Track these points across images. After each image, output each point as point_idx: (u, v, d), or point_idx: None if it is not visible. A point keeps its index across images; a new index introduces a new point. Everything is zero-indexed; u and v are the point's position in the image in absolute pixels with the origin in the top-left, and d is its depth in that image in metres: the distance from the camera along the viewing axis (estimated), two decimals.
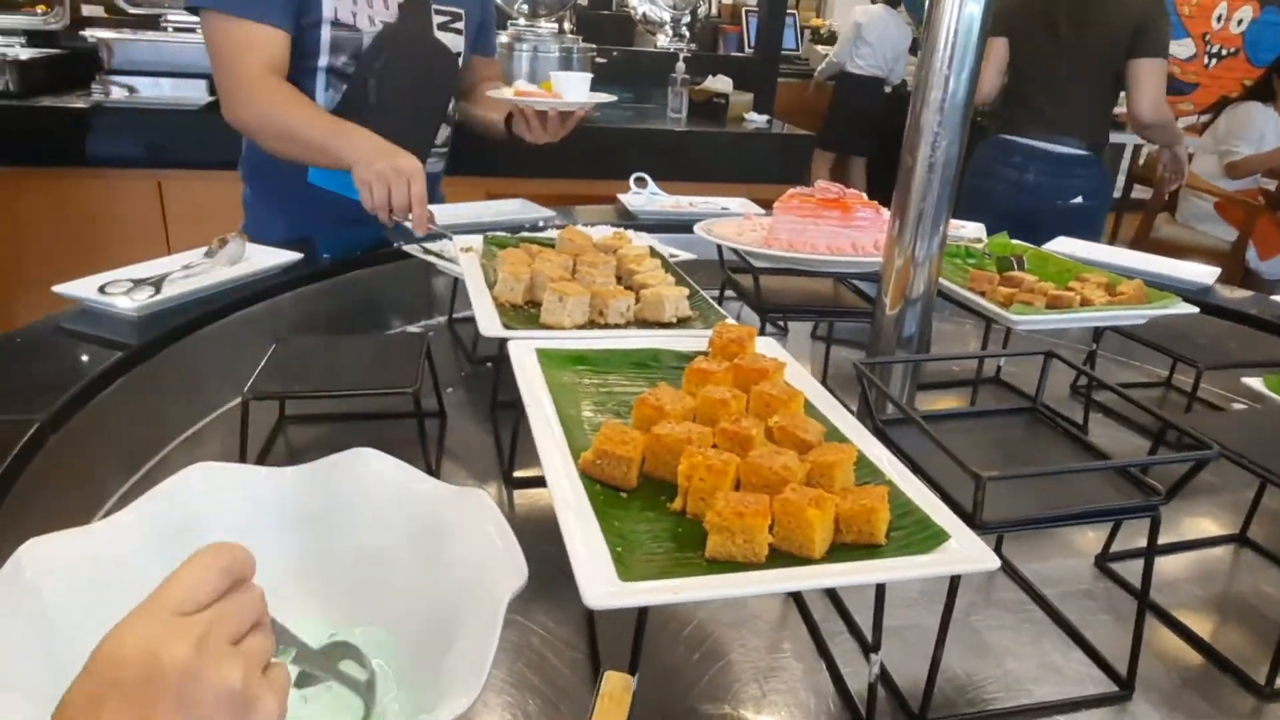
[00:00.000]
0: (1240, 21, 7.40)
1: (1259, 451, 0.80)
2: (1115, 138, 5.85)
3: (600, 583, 0.52)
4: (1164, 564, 0.94)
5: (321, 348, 1.06)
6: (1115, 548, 0.92)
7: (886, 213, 1.09)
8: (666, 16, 3.48)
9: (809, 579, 0.55)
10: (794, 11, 5.84)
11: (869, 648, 0.67)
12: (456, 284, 1.39)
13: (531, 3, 3.05)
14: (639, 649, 0.59)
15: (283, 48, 1.49)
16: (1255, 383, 1.04)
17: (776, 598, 0.83)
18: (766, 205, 1.85)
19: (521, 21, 3.05)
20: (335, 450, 0.73)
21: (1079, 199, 2.48)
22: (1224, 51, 7.48)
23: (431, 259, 1.31)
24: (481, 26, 1.80)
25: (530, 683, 0.72)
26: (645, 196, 1.75)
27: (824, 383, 1.24)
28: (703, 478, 0.61)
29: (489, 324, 0.89)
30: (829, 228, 1.08)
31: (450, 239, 1.27)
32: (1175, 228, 4.43)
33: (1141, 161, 5.16)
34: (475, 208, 1.63)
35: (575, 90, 1.63)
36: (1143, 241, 4.28)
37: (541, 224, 1.59)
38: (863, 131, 5.52)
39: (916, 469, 0.71)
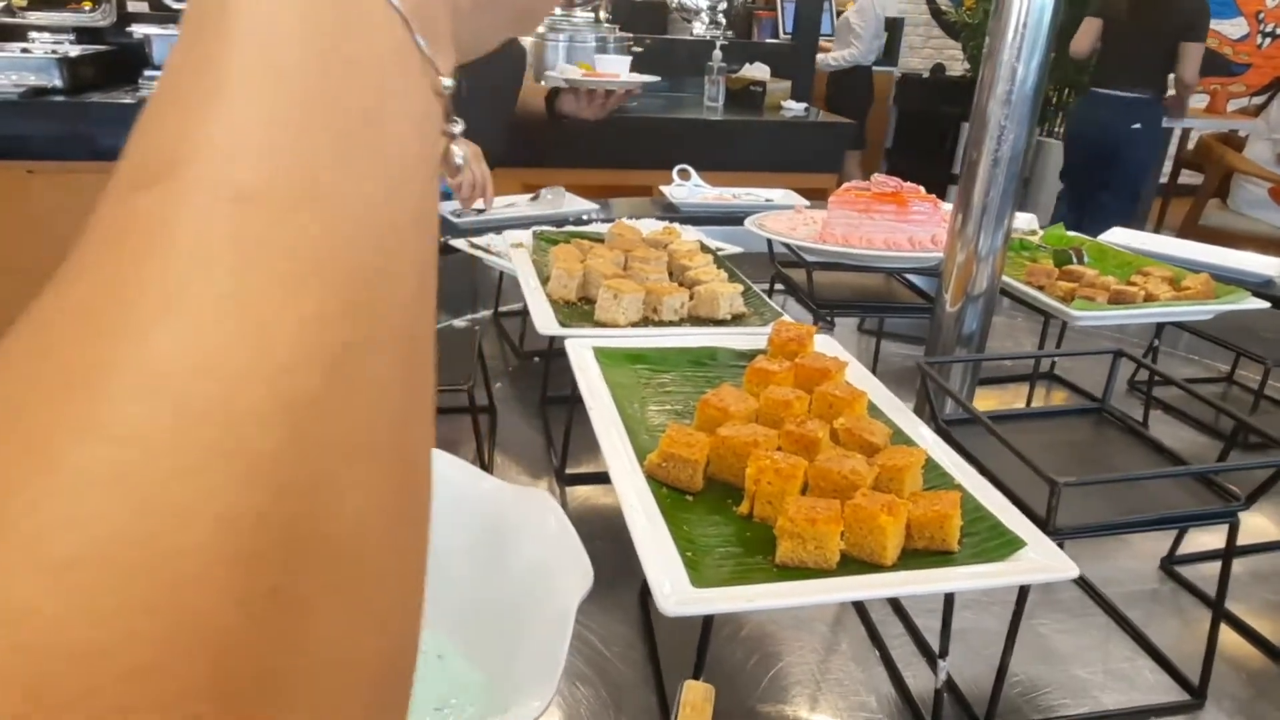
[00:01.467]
0: None
1: None
2: (1165, 123, 5.72)
3: (674, 590, 0.52)
4: (1234, 566, 0.92)
5: None
6: (1181, 550, 0.90)
7: (945, 206, 1.07)
8: (703, 3, 3.45)
9: (883, 588, 0.54)
10: None
11: (935, 653, 0.66)
12: (502, 277, 1.39)
13: None
14: (704, 654, 0.58)
15: None
16: None
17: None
18: (808, 195, 1.83)
19: (557, 10, 3.04)
20: None
21: (1138, 125, 3.80)
22: (1278, 30, 7.26)
23: (479, 253, 1.31)
24: None
25: (588, 680, 0.72)
26: (688, 189, 1.74)
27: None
28: (770, 481, 0.60)
29: (546, 322, 0.88)
30: (885, 222, 1.06)
31: (499, 234, 1.27)
32: (1227, 214, 4.32)
33: (1191, 146, 5.02)
34: (516, 200, 1.62)
35: (619, 68, 1.91)
36: (1191, 227, 4.18)
37: (586, 217, 1.58)
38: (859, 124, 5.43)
39: (982, 471, 0.70)
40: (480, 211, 1.54)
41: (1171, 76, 3.78)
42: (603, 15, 3.23)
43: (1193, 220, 4.20)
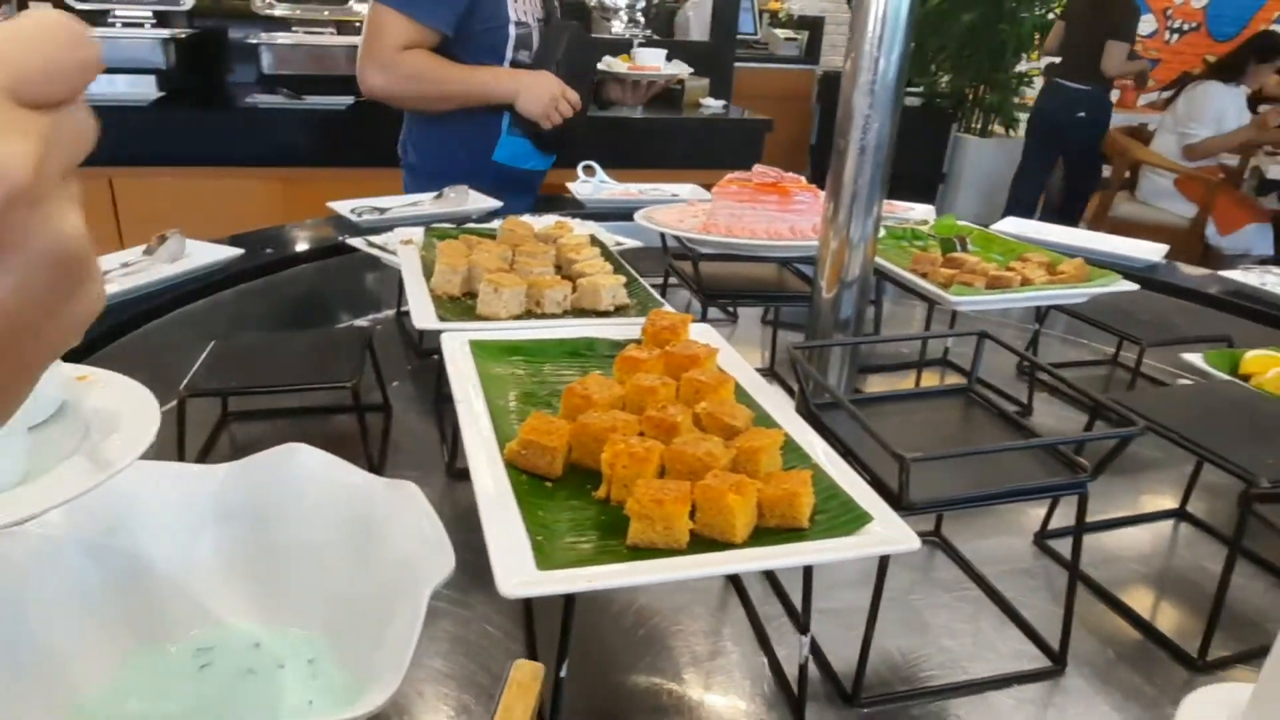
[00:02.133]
0: None
1: (1193, 427, 0.80)
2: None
3: (516, 572, 0.52)
4: (1104, 539, 0.95)
5: (262, 344, 1.04)
6: (1054, 525, 0.93)
7: None
8: (622, 2, 3.46)
9: (726, 564, 0.55)
10: None
11: (800, 630, 0.67)
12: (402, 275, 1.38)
13: None
14: (567, 636, 0.58)
15: (432, 42, 1.77)
16: (1195, 358, 1.05)
17: (716, 582, 0.83)
18: None
19: None
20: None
21: (1083, 114, 4.56)
22: (1185, 26, 7.57)
23: (376, 251, 1.29)
24: None
25: (470, 673, 0.71)
26: (594, 185, 1.74)
27: (771, 368, 1.24)
28: (625, 465, 0.61)
29: (423, 316, 0.88)
30: (767, 212, 1.07)
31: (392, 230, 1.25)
32: (1135, 205, 4.48)
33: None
34: (420, 198, 1.61)
35: (657, 61, 2.28)
36: (1102, 218, 4.33)
37: (491, 215, 1.58)
38: None
39: (848, 453, 0.72)
40: (383, 211, 1.52)
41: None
42: None
43: (1103, 211, 4.36)
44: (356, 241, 1.32)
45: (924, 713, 0.70)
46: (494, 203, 1.60)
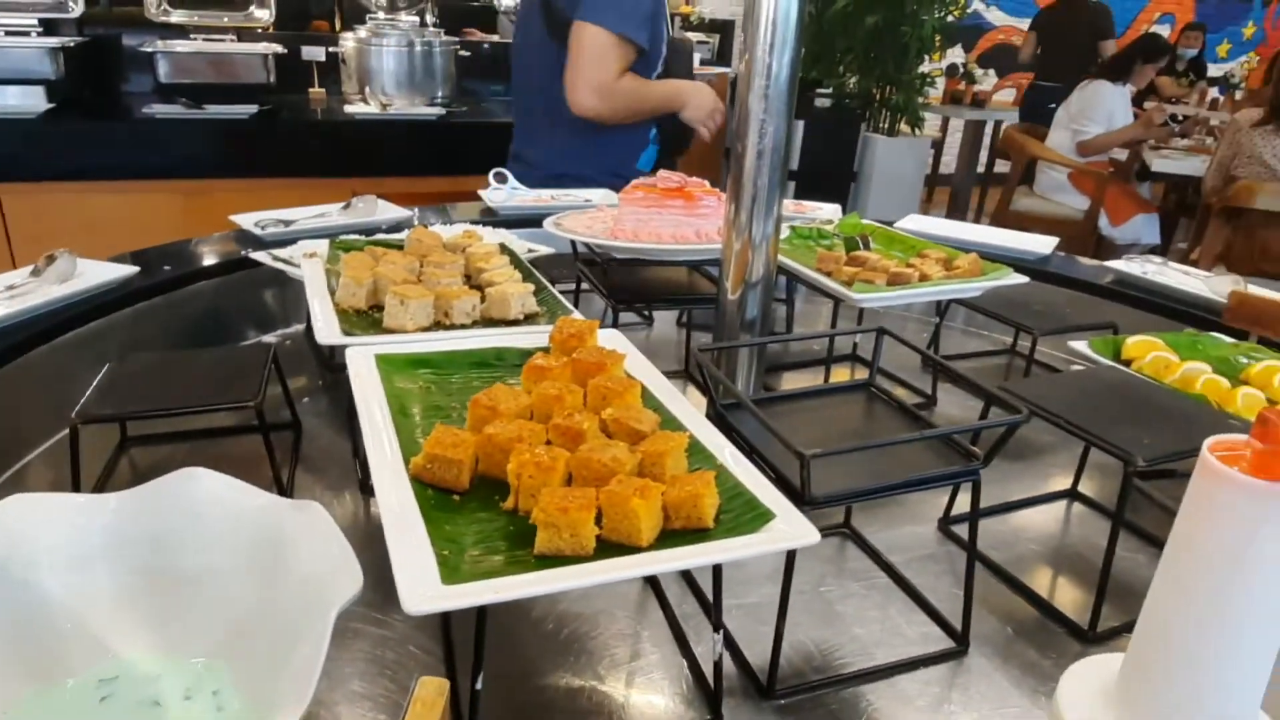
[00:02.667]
0: None
1: (1077, 412, 0.85)
2: (976, 115, 6.14)
3: (420, 588, 0.51)
4: (1003, 522, 0.99)
5: (161, 365, 1.01)
6: (956, 511, 0.97)
7: None
8: None
9: (631, 568, 0.56)
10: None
11: (721, 628, 0.69)
12: None
13: None
14: (481, 649, 0.58)
15: (634, 60, 1.97)
16: (1082, 345, 1.11)
17: (635, 584, 0.84)
18: None
19: (381, 15, 2.97)
20: None
21: (1053, 105, 4.96)
22: None
23: (280, 265, 1.26)
24: None
25: (388, 693, 0.71)
26: (506, 192, 1.74)
27: (686, 369, 1.26)
28: (531, 475, 0.61)
29: (327, 331, 0.86)
30: (673, 217, 1.09)
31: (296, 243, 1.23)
32: (1033, 199, 4.67)
33: (1000, 136, 5.40)
34: (326, 209, 1.58)
35: None
36: (1004, 212, 4.51)
37: (402, 225, 1.55)
38: None
39: (754, 452, 0.73)
40: (288, 224, 1.49)
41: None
42: (429, 19, 3.18)
43: (1004, 206, 4.53)
44: (260, 255, 1.29)
45: (836, 701, 0.72)
46: (404, 212, 1.58)
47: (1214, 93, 6.89)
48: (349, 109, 2.86)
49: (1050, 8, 6.03)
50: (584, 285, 1.22)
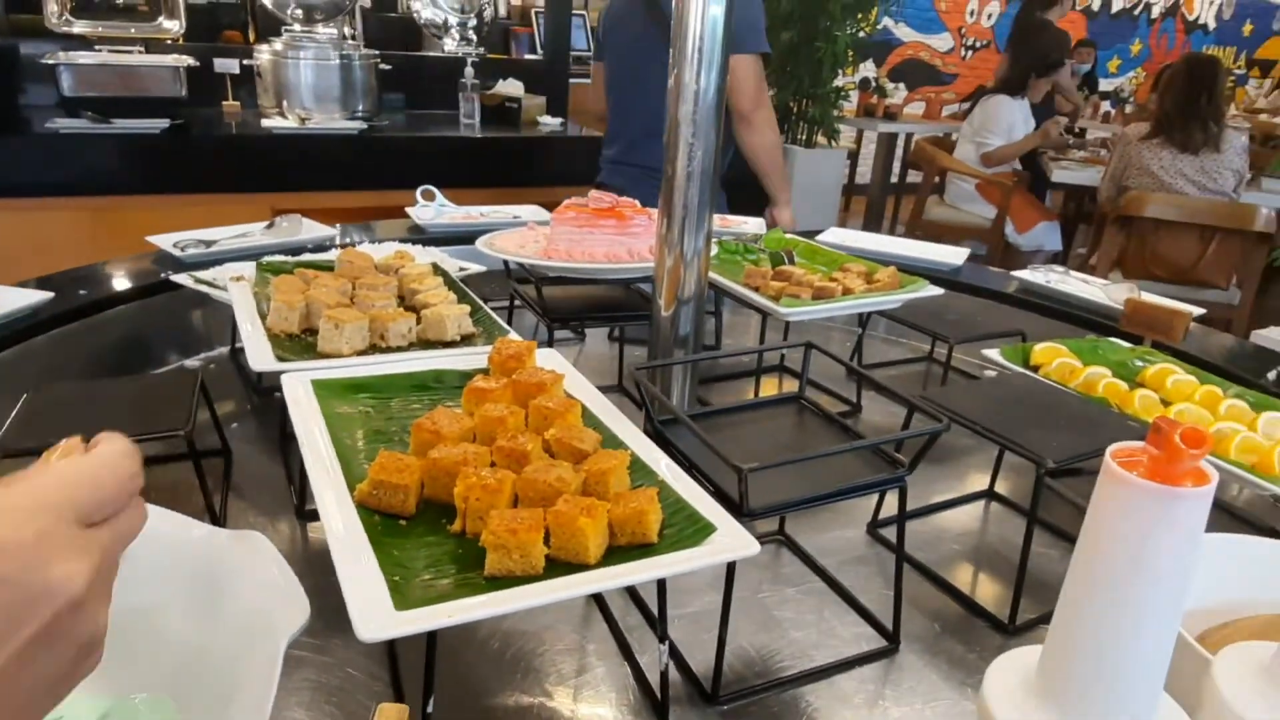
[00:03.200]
0: (990, 15, 8.23)
1: (992, 418, 0.90)
2: (888, 127, 6.35)
3: (373, 615, 0.52)
4: (927, 523, 1.04)
5: (83, 394, 0.98)
6: (883, 515, 1.01)
7: None
8: (452, 20, 3.43)
9: (580, 586, 0.57)
10: (583, 12, 5.91)
11: (659, 638, 0.71)
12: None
13: (306, 7, 2.93)
14: (432, 673, 0.59)
15: None
16: (994, 353, 1.17)
17: (579, 600, 0.85)
18: None
19: (297, 28, 2.92)
20: None
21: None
22: (978, 44, 8.29)
23: (204, 288, 1.23)
24: None
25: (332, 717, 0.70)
26: (434, 209, 1.73)
27: (620, 383, 1.28)
28: (478, 498, 0.62)
29: (260, 358, 0.85)
30: (605, 236, 1.11)
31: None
32: (944, 208, 4.85)
33: (911, 148, 5.60)
34: (249, 229, 1.55)
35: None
36: (917, 221, 4.67)
37: (326, 243, 1.54)
38: None
39: (692, 466, 0.76)
40: (209, 244, 1.46)
41: None
42: (348, 32, 3.14)
43: (917, 215, 4.69)
44: (182, 278, 1.26)
45: (778, 703, 0.75)
46: (329, 230, 1.56)
47: (1106, 106, 7.29)
48: (266, 123, 2.80)
49: (1019, 32, 6.39)
50: (517, 303, 1.23)
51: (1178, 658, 0.47)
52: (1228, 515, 1.05)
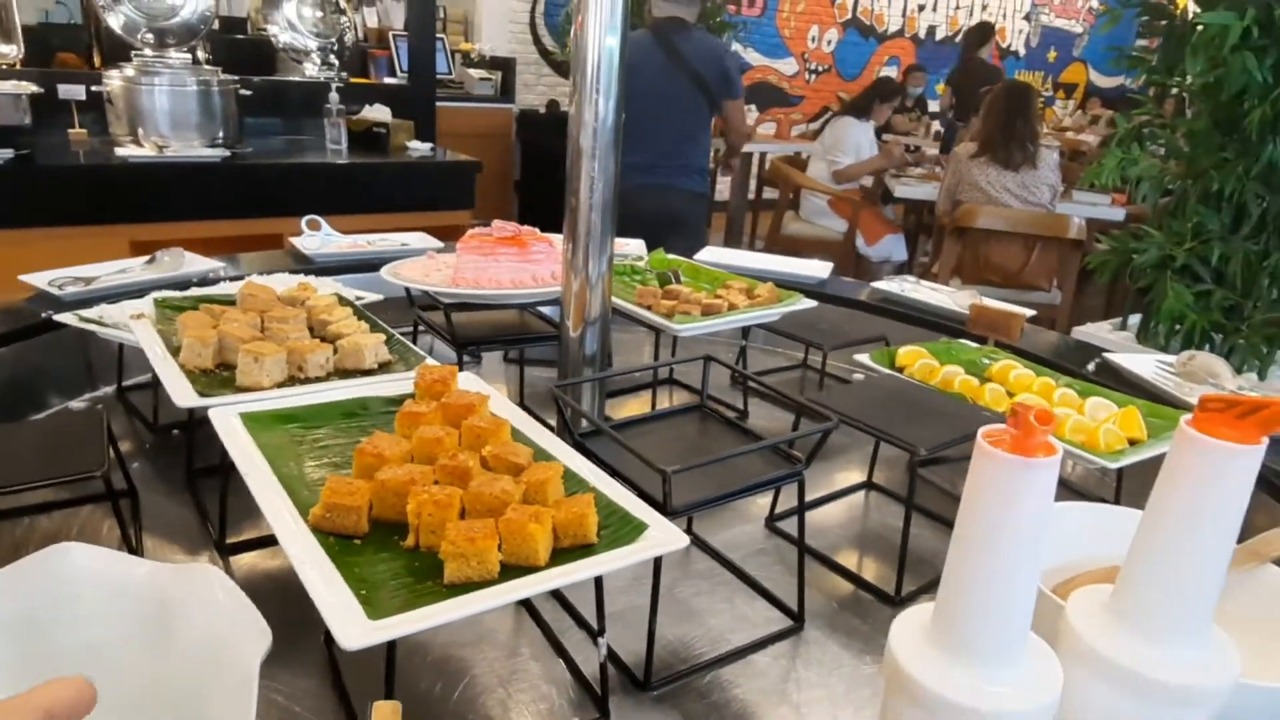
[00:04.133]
0: (830, 41, 8.75)
1: (869, 414, 1.01)
2: (745, 148, 6.64)
3: (353, 625, 0.56)
4: (817, 515, 1.15)
5: None
6: (779, 509, 1.11)
7: (560, 243, 1.21)
8: (312, 44, 3.38)
9: (539, 584, 0.63)
10: (442, 36, 5.90)
11: (596, 634, 0.77)
12: (122, 350, 1.30)
13: (157, 31, 2.83)
14: (392, 680, 0.63)
15: None
16: (864, 358, 1.30)
17: (509, 609, 0.90)
18: (442, 233, 1.91)
19: (148, 52, 2.81)
20: (13, 554, 0.68)
21: None
22: (820, 68, 8.79)
23: (91, 326, 1.20)
24: None
25: None
26: (320, 239, 1.73)
27: (521, 403, 1.33)
28: (431, 513, 0.67)
29: (182, 394, 0.86)
30: (509, 263, 1.17)
31: (112, 304, 1.18)
32: (800, 223, 5.14)
33: (767, 167, 5.88)
34: (128, 264, 1.51)
35: None
36: (775, 236, 4.92)
37: (211, 276, 1.51)
38: None
39: (615, 473, 0.83)
40: (89, 281, 1.41)
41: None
42: (202, 56, 3.04)
43: (775, 230, 4.95)
44: (65, 317, 1.22)
45: (703, 684, 0.83)
46: (213, 264, 1.54)
47: (936, 125, 7.89)
48: (121, 151, 2.68)
49: (963, 69, 7.45)
50: (421, 329, 1.26)
51: (1038, 606, 0.57)
52: (1064, 488, 1.21)
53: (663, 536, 0.69)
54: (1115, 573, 0.79)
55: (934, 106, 8.72)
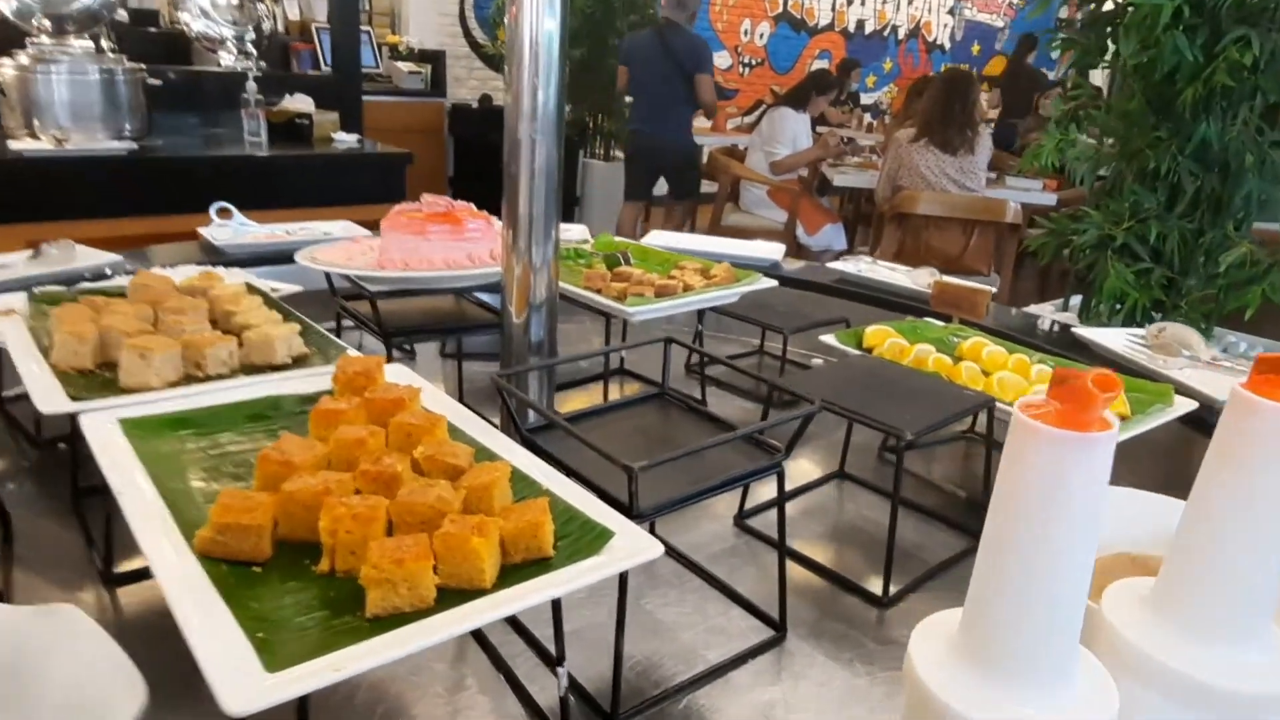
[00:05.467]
0: (762, 35, 8.73)
1: (845, 397, 0.92)
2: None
3: (242, 682, 0.44)
4: (790, 508, 1.05)
5: None
6: (748, 505, 1.01)
7: (498, 222, 1.09)
8: (227, 33, 3.18)
9: (485, 612, 0.52)
10: (369, 28, 5.69)
11: (553, 661, 0.66)
12: (4, 355, 1.14)
13: (55, 18, 2.61)
14: None
15: None
16: (830, 339, 1.21)
17: None
18: (372, 227, 1.77)
19: (46, 39, 2.59)
20: None
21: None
22: (753, 61, 8.77)
23: None
24: None
25: None
26: (232, 228, 1.58)
27: (461, 400, 1.21)
28: (349, 530, 0.55)
29: (48, 398, 0.72)
30: (442, 242, 1.05)
31: None
32: (740, 214, 5.07)
33: (705, 160, 5.82)
34: (10, 259, 1.34)
35: None
36: (716, 227, 4.85)
37: (108, 271, 1.35)
38: None
39: (570, 472, 0.71)
40: None
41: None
42: (105, 44, 2.82)
43: (716, 221, 4.87)
44: None
45: (677, 710, 0.72)
46: (110, 257, 1.38)
47: (868, 118, 7.93)
48: (14, 145, 2.46)
49: (1011, 73, 7.39)
50: (346, 323, 1.13)
51: None
52: None
53: (631, 545, 0.58)
54: (1142, 562, 0.71)
55: (866, 100, 8.80)
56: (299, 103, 3.10)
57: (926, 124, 4.01)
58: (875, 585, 0.89)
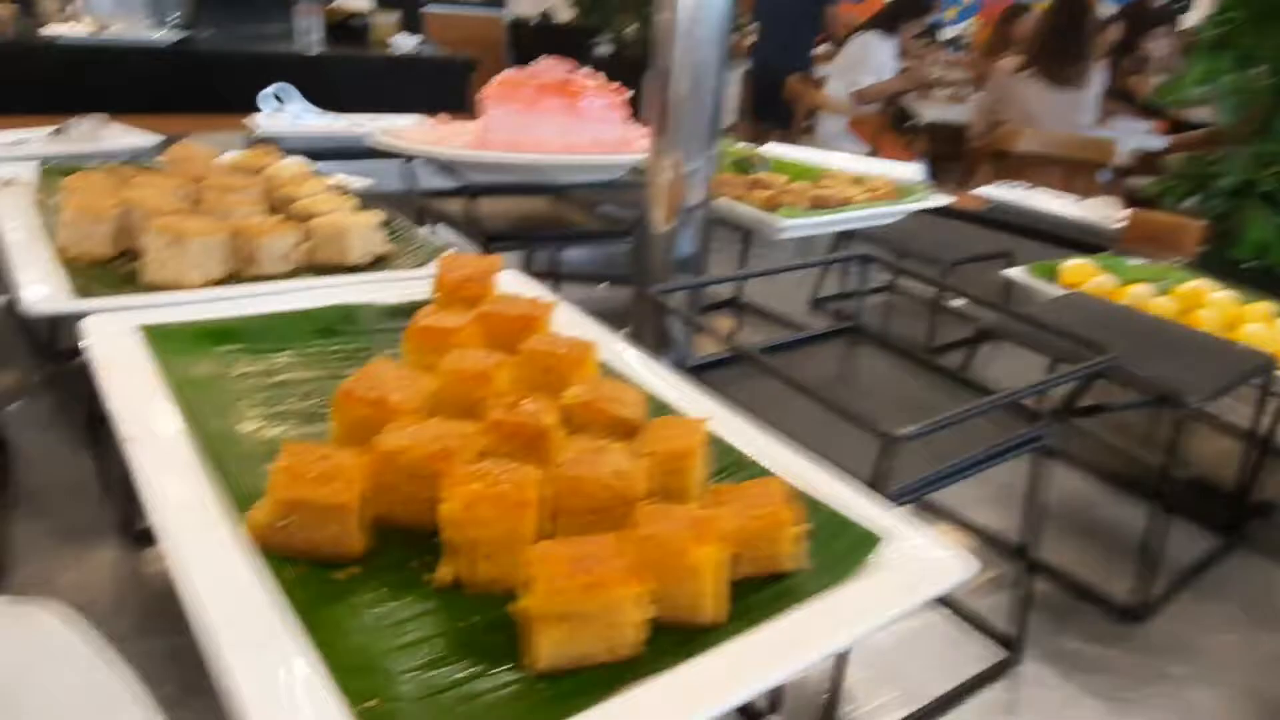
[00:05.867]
0: None
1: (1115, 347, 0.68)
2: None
3: None
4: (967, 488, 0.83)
5: None
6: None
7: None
8: None
9: (759, 673, 0.30)
10: None
11: (754, 713, 0.45)
12: None
13: None
14: None
15: None
16: (1017, 273, 0.97)
17: None
18: None
19: None
20: None
21: None
22: None
23: None
24: None
25: None
26: (288, 116, 1.36)
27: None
28: (489, 519, 0.34)
29: (44, 293, 0.52)
30: (557, 119, 0.81)
31: None
32: (815, 147, 4.76)
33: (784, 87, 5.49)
34: (27, 135, 1.13)
35: None
36: None
37: (145, 158, 1.15)
38: None
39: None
40: None
41: None
42: None
43: None
44: None
45: None
46: (148, 137, 1.17)
47: (947, 53, 7.46)
48: (49, 30, 2.26)
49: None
50: (427, 225, 0.91)
51: None
52: None
53: (923, 556, 0.37)
54: None
55: (947, 34, 8.29)
56: (356, 1, 2.86)
57: (1035, 53, 3.65)
58: (1119, 588, 0.67)
